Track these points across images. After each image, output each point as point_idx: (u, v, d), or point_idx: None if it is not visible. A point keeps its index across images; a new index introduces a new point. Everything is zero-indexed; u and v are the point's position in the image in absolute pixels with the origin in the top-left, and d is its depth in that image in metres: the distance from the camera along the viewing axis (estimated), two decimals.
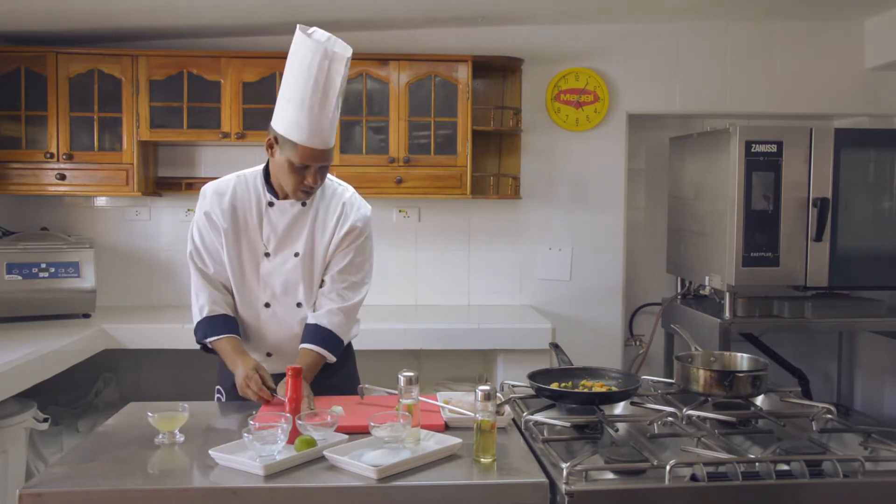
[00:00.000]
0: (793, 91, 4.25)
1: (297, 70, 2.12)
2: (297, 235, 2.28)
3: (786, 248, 3.53)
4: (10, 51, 3.79)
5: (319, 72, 2.08)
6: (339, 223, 2.30)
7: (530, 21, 4.12)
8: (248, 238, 2.28)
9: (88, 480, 1.66)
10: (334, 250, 2.31)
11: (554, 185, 4.24)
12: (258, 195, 2.28)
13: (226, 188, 2.30)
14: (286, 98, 2.14)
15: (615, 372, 2.30)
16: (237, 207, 2.27)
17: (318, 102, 2.10)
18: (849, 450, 1.84)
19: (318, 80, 2.09)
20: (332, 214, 2.31)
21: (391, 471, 1.66)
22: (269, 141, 2.20)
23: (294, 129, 2.12)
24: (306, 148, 2.12)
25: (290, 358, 2.28)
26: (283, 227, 2.27)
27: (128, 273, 4.19)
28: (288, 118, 2.13)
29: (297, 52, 2.13)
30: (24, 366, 2.95)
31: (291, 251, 2.28)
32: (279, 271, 2.28)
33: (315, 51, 2.08)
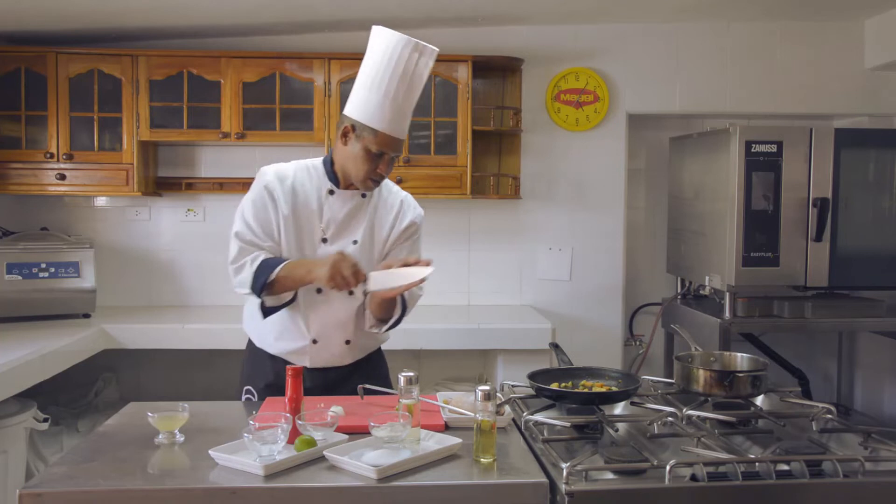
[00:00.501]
0: (793, 91, 4.25)
1: (383, 60, 2.17)
2: (356, 225, 2.33)
3: (786, 248, 3.53)
4: (10, 51, 3.79)
5: (409, 63, 2.16)
6: (399, 217, 2.38)
7: (530, 21, 4.12)
8: (306, 222, 2.30)
9: (88, 480, 1.65)
10: (393, 242, 2.37)
11: (554, 185, 4.24)
12: (319, 182, 2.32)
13: (287, 172, 2.32)
14: (368, 86, 2.20)
15: (615, 372, 2.30)
16: (297, 192, 2.30)
17: (403, 92, 2.17)
18: (849, 450, 1.84)
19: (406, 71, 2.16)
20: (389, 209, 2.38)
21: (391, 471, 1.66)
22: (345, 129, 2.23)
23: (377, 116, 2.17)
24: (386, 135, 2.18)
25: (334, 347, 2.34)
26: (342, 215, 2.31)
27: (128, 273, 4.19)
28: (370, 106, 2.18)
29: (382, 43, 2.18)
30: (24, 366, 2.95)
31: (350, 239, 2.32)
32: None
33: (406, 43, 2.15)
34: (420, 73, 2.18)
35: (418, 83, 2.19)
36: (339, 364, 2.38)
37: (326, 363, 2.36)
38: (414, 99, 2.21)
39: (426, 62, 2.18)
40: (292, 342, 2.34)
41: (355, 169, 2.24)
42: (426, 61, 2.18)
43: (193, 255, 4.23)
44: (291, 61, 3.86)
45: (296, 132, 3.88)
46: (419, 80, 2.19)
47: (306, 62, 3.86)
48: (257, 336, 2.43)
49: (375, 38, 2.21)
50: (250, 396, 2.43)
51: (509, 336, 3.67)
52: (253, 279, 2.22)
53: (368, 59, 2.22)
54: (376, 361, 2.51)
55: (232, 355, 3.99)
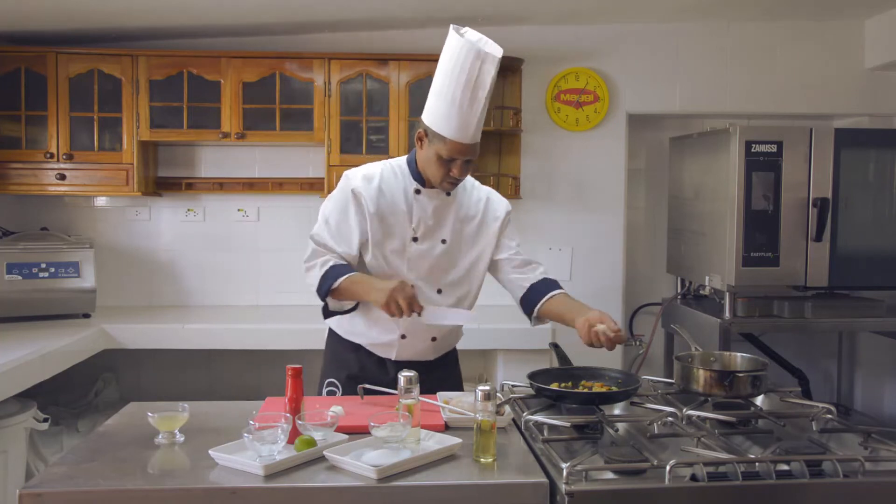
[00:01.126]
0: (793, 91, 4.25)
1: (449, 68, 2.19)
2: (443, 223, 2.36)
3: (786, 248, 3.53)
4: (10, 51, 3.79)
5: (471, 71, 2.16)
6: (489, 213, 2.42)
7: (530, 21, 4.12)
8: (395, 222, 2.32)
9: (88, 480, 1.65)
10: (498, 238, 2.43)
11: (554, 185, 4.24)
12: (405, 182, 2.35)
13: (374, 173, 2.35)
14: (438, 94, 2.23)
15: (615, 372, 2.30)
16: (385, 191, 2.32)
17: (468, 100, 2.18)
18: (849, 450, 1.83)
19: (469, 79, 2.17)
20: (475, 207, 2.42)
21: (391, 471, 1.66)
22: (419, 134, 2.29)
23: (444, 123, 2.20)
24: (455, 142, 2.20)
25: (420, 343, 2.38)
26: (431, 214, 2.34)
27: (128, 273, 4.19)
28: (438, 113, 2.22)
29: (450, 50, 2.21)
30: (24, 366, 2.95)
31: (439, 237, 2.35)
32: (427, 256, 2.34)
33: (468, 50, 2.16)
34: (483, 81, 2.18)
35: (482, 90, 2.19)
36: (423, 359, 2.42)
37: (411, 357, 2.39)
38: (479, 106, 2.21)
39: (489, 69, 2.18)
40: (382, 335, 2.38)
41: (432, 172, 2.29)
42: (489, 68, 2.18)
43: (193, 255, 4.23)
44: (291, 61, 3.86)
45: (296, 132, 3.88)
46: (482, 87, 2.19)
47: (306, 62, 3.86)
48: (345, 327, 2.45)
49: (448, 41, 2.23)
50: (333, 389, 2.44)
51: (509, 336, 3.66)
52: (320, 282, 2.27)
53: (440, 63, 2.24)
54: (454, 359, 2.57)
55: (232, 355, 4.02)
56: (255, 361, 4.03)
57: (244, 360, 4.08)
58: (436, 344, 2.42)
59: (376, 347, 2.40)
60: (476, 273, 2.43)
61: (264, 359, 3.92)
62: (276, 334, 3.66)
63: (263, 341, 3.67)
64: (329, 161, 3.86)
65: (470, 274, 2.41)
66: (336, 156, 3.86)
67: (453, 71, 2.18)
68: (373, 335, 2.40)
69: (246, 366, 4.11)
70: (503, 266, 2.45)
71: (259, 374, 4.04)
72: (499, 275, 2.47)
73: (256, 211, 4.24)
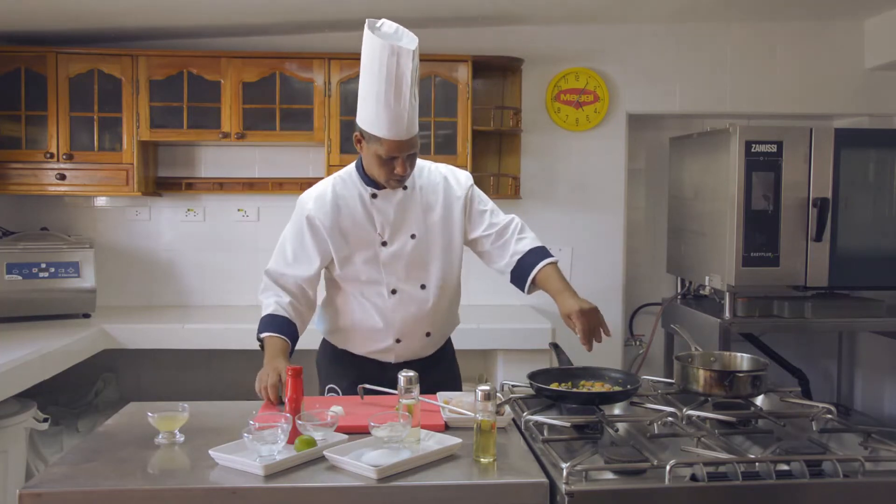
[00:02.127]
0: (793, 91, 4.25)
1: (368, 67, 2.18)
2: (409, 219, 2.34)
3: (786, 248, 3.53)
4: (10, 51, 3.79)
5: (389, 67, 2.14)
6: (452, 194, 2.38)
7: (530, 21, 4.12)
8: (359, 231, 2.32)
9: (88, 480, 1.65)
10: (466, 218, 2.39)
11: (554, 185, 4.24)
12: (359, 190, 2.33)
13: (325, 190, 2.34)
14: (364, 95, 2.21)
15: (615, 372, 2.30)
16: (340, 206, 2.32)
17: (392, 96, 2.15)
18: (849, 450, 1.83)
19: (389, 76, 2.14)
20: (434, 192, 2.38)
21: (391, 471, 1.66)
22: (356, 137, 2.27)
23: (375, 123, 2.18)
24: (389, 140, 2.19)
25: (416, 341, 2.39)
26: (393, 213, 2.32)
27: (128, 273, 4.19)
28: (368, 114, 2.20)
29: (366, 49, 2.19)
30: (24, 366, 2.95)
31: (407, 234, 2.33)
32: (399, 256, 2.33)
33: (382, 48, 2.15)
34: (403, 75, 2.14)
35: (404, 85, 2.15)
36: (422, 356, 2.43)
37: (410, 357, 2.40)
38: (405, 100, 2.16)
39: (406, 62, 2.14)
40: (377, 343, 2.38)
41: (376, 173, 2.27)
42: (405, 61, 2.14)
43: (193, 255, 4.23)
44: (291, 61, 3.86)
45: (296, 132, 3.88)
46: (403, 81, 2.15)
47: (306, 62, 3.86)
48: (339, 339, 2.45)
49: (364, 39, 2.21)
50: (335, 394, 2.43)
51: (509, 336, 3.66)
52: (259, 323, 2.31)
53: (361, 63, 2.22)
54: (451, 354, 2.58)
55: (232, 355, 4.02)
56: (255, 361, 4.00)
57: (244, 360, 4.06)
58: (431, 339, 2.42)
59: (374, 354, 2.40)
60: (453, 259, 2.40)
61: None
62: None
63: None
64: (329, 161, 3.86)
65: (447, 261, 2.39)
66: (336, 156, 3.86)
67: (372, 70, 2.16)
68: (368, 346, 2.40)
69: (246, 366, 4.09)
70: (481, 242, 2.42)
71: None
72: (478, 249, 2.45)
73: (256, 211, 4.24)
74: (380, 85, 2.15)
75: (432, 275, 2.36)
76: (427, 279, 2.36)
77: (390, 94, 2.14)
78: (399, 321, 2.35)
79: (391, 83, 2.14)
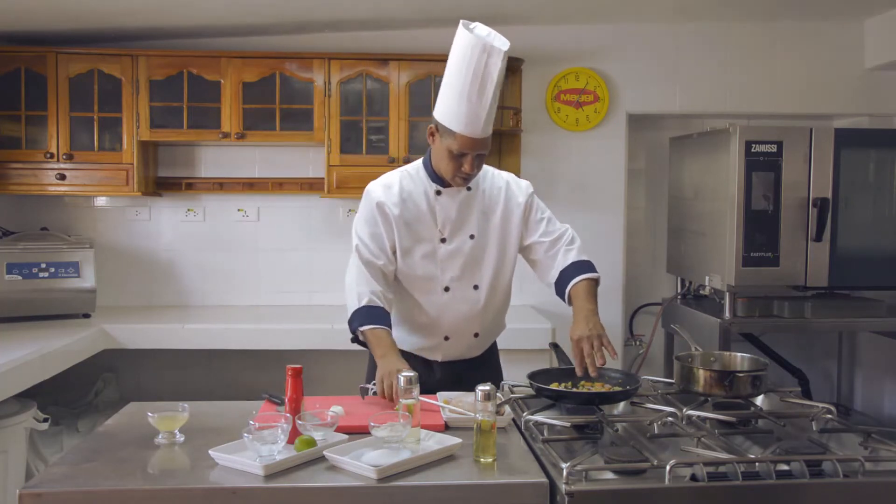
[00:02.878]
0: (793, 91, 4.25)
1: (457, 63, 2.22)
2: (469, 219, 2.37)
3: (786, 248, 3.53)
4: (10, 51, 3.79)
5: (478, 65, 2.18)
6: (512, 200, 2.42)
7: (530, 21, 4.12)
8: (422, 226, 2.34)
9: (88, 480, 1.65)
10: (523, 223, 2.43)
11: (554, 185, 4.24)
12: (424, 185, 2.36)
13: (392, 182, 2.37)
14: (446, 89, 2.25)
15: (615, 372, 2.30)
16: (406, 198, 2.34)
17: (476, 93, 2.19)
18: (849, 450, 1.83)
19: (476, 73, 2.18)
20: (496, 196, 2.42)
21: (391, 471, 1.66)
22: (430, 129, 2.31)
23: (453, 118, 2.22)
24: (465, 136, 2.22)
25: (464, 340, 2.41)
26: (455, 212, 2.35)
27: (128, 273, 4.19)
28: (448, 108, 2.23)
29: (458, 45, 2.23)
30: (24, 366, 2.95)
31: (466, 234, 2.36)
32: (457, 254, 2.35)
33: (474, 45, 2.18)
34: (490, 74, 2.19)
35: (489, 84, 2.20)
36: (468, 357, 2.45)
37: (456, 357, 2.42)
38: (487, 99, 2.21)
39: (495, 62, 2.19)
40: (426, 339, 2.40)
41: (443, 168, 2.30)
42: (495, 61, 2.19)
43: (193, 255, 4.23)
44: (291, 61, 3.86)
45: (296, 132, 3.88)
46: (489, 80, 2.20)
47: (306, 62, 3.86)
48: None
49: (456, 37, 2.26)
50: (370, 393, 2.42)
51: (509, 336, 3.65)
52: (352, 315, 2.27)
53: (449, 59, 2.26)
54: (495, 355, 2.61)
55: (232, 355, 4.02)
56: (255, 361, 4.02)
57: (244, 360, 4.08)
58: (479, 340, 2.45)
59: (422, 351, 2.42)
60: (507, 263, 2.44)
61: (264, 359, 3.91)
62: (276, 334, 3.66)
63: (263, 341, 3.67)
64: (329, 161, 3.86)
65: (501, 264, 2.43)
66: (336, 156, 3.86)
67: (461, 66, 2.20)
68: (416, 342, 2.42)
69: (246, 366, 4.11)
70: (535, 249, 2.45)
71: (259, 374, 4.04)
72: (531, 257, 2.48)
73: (256, 211, 4.24)
74: (465, 81, 2.19)
75: (485, 276, 2.39)
76: (480, 280, 2.39)
77: (474, 91, 2.19)
78: (449, 319, 2.37)
79: (477, 80, 2.19)
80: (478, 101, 2.19)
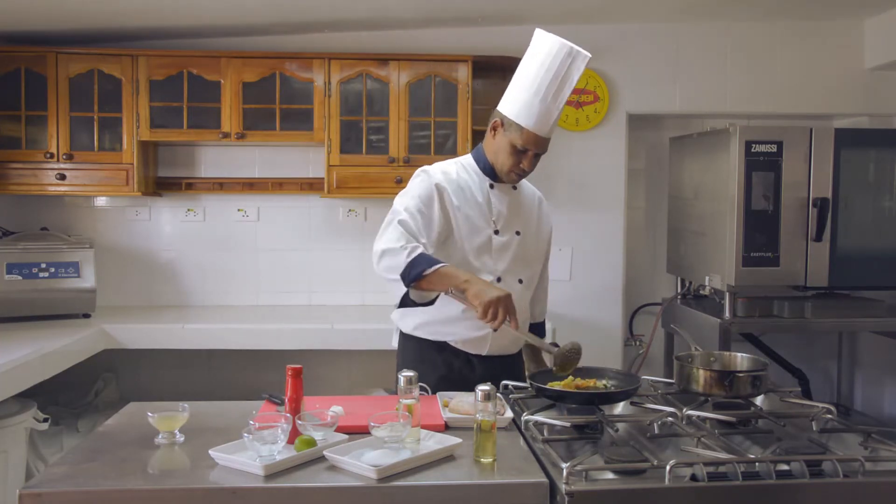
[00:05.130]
0: (793, 91, 4.25)
1: (537, 61, 2.28)
2: (516, 216, 2.43)
3: (786, 248, 3.53)
4: (10, 51, 3.79)
5: (561, 66, 2.25)
6: (543, 218, 2.54)
7: (530, 21, 4.11)
8: (479, 216, 2.36)
9: (88, 480, 1.65)
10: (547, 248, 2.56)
11: (554, 185, 4.23)
12: (478, 178, 2.40)
13: (450, 170, 2.39)
14: (521, 85, 2.30)
15: (615, 372, 2.30)
16: (464, 188, 2.37)
17: (553, 93, 2.26)
18: (849, 450, 1.83)
19: (558, 73, 2.25)
20: (531, 202, 2.51)
21: (391, 471, 1.66)
22: (495, 123, 2.35)
23: (524, 113, 2.27)
24: (532, 133, 2.27)
25: (508, 335, 2.35)
26: (506, 207, 2.41)
27: (128, 273, 4.19)
28: (520, 103, 2.29)
29: (540, 45, 2.29)
30: (24, 366, 2.95)
31: (513, 230, 2.41)
32: (508, 247, 2.39)
33: (561, 47, 2.26)
34: (570, 76, 2.26)
35: (567, 85, 2.27)
36: (509, 352, 2.46)
37: (498, 352, 2.42)
38: (562, 101, 2.28)
39: (578, 66, 2.26)
40: (476, 330, 2.35)
41: (502, 161, 2.34)
42: (578, 65, 2.26)
43: (193, 255, 4.23)
44: (291, 61, 3.86)
45: (296, 132, 3.88)
46: (569, 82, 2.27)
47: (306, 62, 3.86)
48: (433, 325, 2.39)
49: (538, 42, 2.31)
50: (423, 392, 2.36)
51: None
52: (407, 266, 2.15)
53: (528, 60, 2.31)
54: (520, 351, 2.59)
55: (232, 355, 4.02)
56: (255, 361, 4.03)
57: (244, 360, 4.08)
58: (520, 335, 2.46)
59: (466, 344, 2.38)
60: (537, 266, 2.51)
61: (264, 359, 3.91)
62: (276, 334, 3.66)
63: (263, 341, 3.67)
64: (329, 161, 3.86)
65: (535, 266, 2.49)
66: (336, 156, 3.86)
67: (542, 64, 2.26)
68: (464, 332, 2.36)
69: (246, 366, 4.11)
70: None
71: (259, 374, 4.04)
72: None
73: (256, 211, 4.24)
74: (544, 79, 2.25)
75: (527, 273, 2.44)
76: (524, 275, 2.43)
77: (551, 91, 2.25)
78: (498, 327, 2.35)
79: (556, 81, 2.25)
80: (553, 100, 2.26)
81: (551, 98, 2.26)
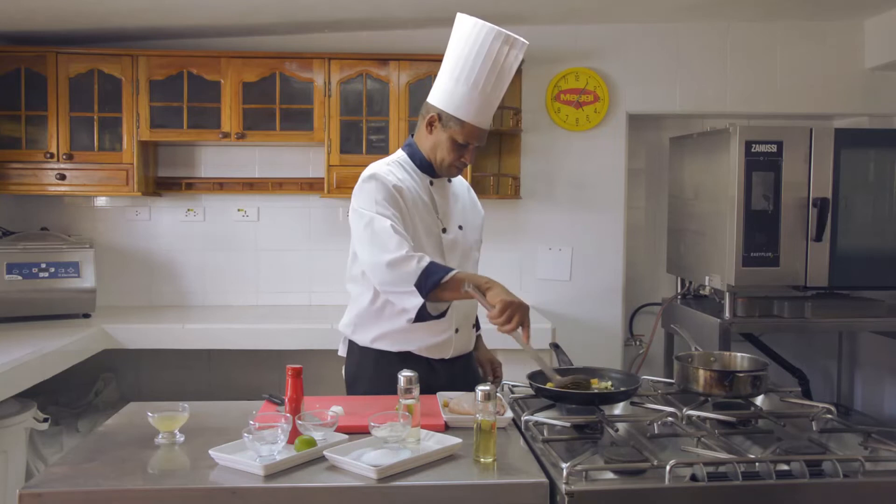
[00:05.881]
0: (793, 91, 4.25)
1: (471, 51, 2.16)
2: (455, 209, 2.37)
3: (786, 248, 3.53)
4: (10, 51, 3.79)
5: (498, 55, 2.16)
6: (476, 205, 2.49)
7: (530, 21, 4.12)
8: (425, 216, 2.27)
9: (88, 480, 1.65)
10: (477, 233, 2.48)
11: (554, 185, 4.24)
12: (418, 176, 2.30)
13: (393, 169, 2.26)
14: (455, 78, 2.19)
15: (615, 372, 2.30)
16: (409, 188, 2.25)
17: (491, 84, 2.17)
18: (849, 450, 1.83)
19: (495, 63, 2.16)
20: (463, 193, 2.45)
21: (391, 471, 1.66)
22: (431, 118, 2.24)
23: (463, 107, 2.18)
24: (473, 126, 2.19)
25: (467, 333, 2.39)
26: (446, 202, 2.35)
27: (128, 273, 4.19)
28: (458, 97, 2.18)
29: (470, 33, 2.18)
30: (24, 366, 2.95)
31: (456, 224, 2.36)
32: (455, 245, 2.34)
33: (495, 35, 2.16)
34: (510, 66, 2.18)
35: (507, 75, 2.19)
36: (468, 350, 2.44)
37: (460, 352, 2.38)
38: (502, 91, 2.21)
39: (516, 54, 2.18)
40: (438, 335, 2.30)
41: (441, 156, 2.26)
42: (516, 53, 2.18)
43: (193, 255, 4.23)
44: (291, 61, 3.86)
45: (296, 132, 3.88)
46: (508, 72, 2.19)
47: (306, 62, 3.86)
48: (395, 341, 2.30)
49: (461, 27, 2.20)
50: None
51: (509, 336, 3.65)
52: (420, 276, 2.04)
53: (454, 48, 2.21)
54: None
55: (232, 355, 4.02)
56: (255, 361, 4.03)
57: (244, 360, 4.08)
58: (473, 331, 2.46)
59: (431, 350, 2.31)
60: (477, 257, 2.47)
61: (264, 359, 3.92)
62: (276, 334, 3.66)
63: (263, 341, 3.67)
64: (329, 161, 3.86)
65: (478, 254, 2.46)
66: (336, 156, 3.86)
67: (477, 54, 2.15)
68: (427, 339, 2.29)
69: (246, 366, 4.11)
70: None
71: (259, 374, 4.04)
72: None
73: (256, 211, 4.24)
74: (481, 70, 2.15)
75: (470, 266, 2.39)
76: (469, 269, 2.37)
77: (490, 81, 2.16)
78: (459, 310, 2.31)
79: (495, 71, 2.16)
80: (493, 91, 2.17)
81: (491, 89, 2.16)
